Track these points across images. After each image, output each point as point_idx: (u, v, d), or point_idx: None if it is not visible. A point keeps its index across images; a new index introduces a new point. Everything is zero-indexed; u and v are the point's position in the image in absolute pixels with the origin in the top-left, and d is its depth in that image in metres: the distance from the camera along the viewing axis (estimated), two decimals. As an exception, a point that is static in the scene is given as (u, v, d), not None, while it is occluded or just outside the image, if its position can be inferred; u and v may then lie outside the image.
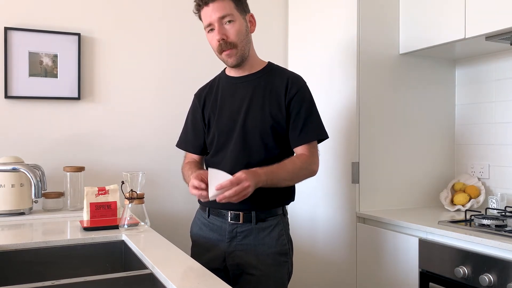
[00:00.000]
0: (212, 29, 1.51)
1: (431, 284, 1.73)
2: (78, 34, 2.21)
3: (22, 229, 1.66)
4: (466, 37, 1.88)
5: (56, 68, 2.17)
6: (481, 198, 2.10)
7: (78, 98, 2.22)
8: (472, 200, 2.08)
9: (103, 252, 1.50)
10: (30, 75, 2.13)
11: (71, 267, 1.45)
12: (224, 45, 1.49)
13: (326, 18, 2.34)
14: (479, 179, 2.22)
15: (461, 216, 1.92)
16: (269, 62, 1.64)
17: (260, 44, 2.65)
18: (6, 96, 2.09)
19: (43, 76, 2.15)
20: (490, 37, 1.85)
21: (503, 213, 1.85)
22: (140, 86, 2.36)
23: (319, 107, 2.35)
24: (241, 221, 1.52)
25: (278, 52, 2.68)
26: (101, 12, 2.28)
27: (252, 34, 1.59)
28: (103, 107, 2.28)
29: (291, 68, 2.64)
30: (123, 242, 1.52)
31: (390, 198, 2.20)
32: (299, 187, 2.53)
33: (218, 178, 1.35)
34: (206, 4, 1.48)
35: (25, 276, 1.39)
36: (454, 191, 2.21)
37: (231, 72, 1.62)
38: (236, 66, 1.55)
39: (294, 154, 1.58)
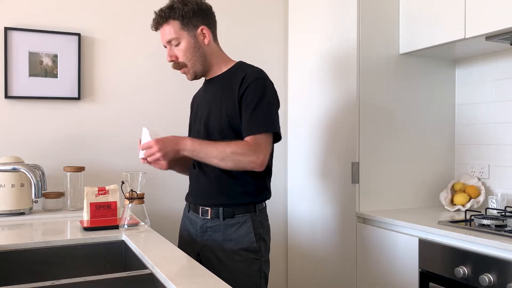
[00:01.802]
0: None
1: (431, 284, 1.73)
2: (78, 34, 2.21)
3: (22, 229, 1.66)
4: (466, 37, 1.88)
5: (56, 68, 2.17)
6: (481, 198, 2.10)
7: (78, 98, 2.22)
8: (472, 200, 2.08)
9: (103, 252, 1.50)
10: (30, 75, 2.13)
11: (71, 267, 1.45)
12: (176, 65, 1.61)
13: (326, 18, 2.34)
14: (479, 179, 2.22)
15: (461, 216, 1.92)
16: (238, 62, 1.66)
17: (261, 44, 2.66)
18: (6, 96, 2.09)
19: (43, 76, 2.15)
20: (490, 37, 1.85)
21: (503, 213, 1.85)
22: (140, 86, 2.36)
23: (319, 107, 2.36)
24: (209, 217, 1.57)
25: (278, 51, 2.68)
26: (101, 12, 2.28)
27: (211, 43, 1.63)
28: (103, 107, 2.28)
29: (291, 68, 2.64)
30: (123, 242, 1.52)
31: (390, 198, 2.20)
32: (299, 186, 2.54)
33: (143, 139, 1.51)
34: (156, 29, 1.61)
35: (25, 276, 1.39)
36: (454, 191, 2.21)
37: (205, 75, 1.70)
38: (195, 79, 1.65)
39: None
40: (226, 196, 1.56)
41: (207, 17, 1.60)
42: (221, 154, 1.46)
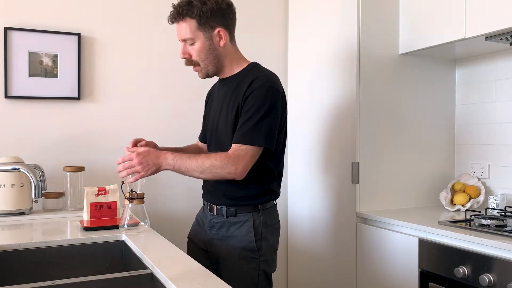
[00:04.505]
0: None
1: (431, 284, 1.73)
2: (78, 34, 2.21)
3: (22, 229, 1.66)
4: (466, 37, 1.88)
5: (56, 68, 2.17)
6: (481, 198, 2.10)
7: (78, 98, 2.22)
8: (472, 200, 2.08)
9: (103, 252, 1.50)
10: (30, 75, 2.13)
11: (71, 267, 1.45)
12: (189, 62, 1.60)
13: (326, 18, 2.34)
14: (479, 179, 2.22)
15: (461, 216, 1.92)
16: (251, 63, 1.64)
17: (261, 44, 2.66)
18: (6, 96, 2.09)
19: (43, 76, 2.15)
20: (490, 37, 1.85)
21: (503, 213, 1.85)
22: (140, 86, 2.36)
23: (319, 107, 2.36)
24: (215, 213, 1.62)
25: (278, 51, 2.68)
26: (101, 12, 2.28)
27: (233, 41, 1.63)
28: (103, 107, 2.28)
29: (291, 68, 2.64)
30: (123, 242, 1.52)
31: (390, 198, 2.20)
32: (299, 186, 2.54)
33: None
34: (172, 23, 1.59)
35: (25, 276, 1.40)
36: (454, 191, 2.21)
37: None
38: (207, 78, 1.64)
39: None
40: (228, 198, 1.59)
41: (225, 17, 1.56)
42: (200, 167, 1.48)
